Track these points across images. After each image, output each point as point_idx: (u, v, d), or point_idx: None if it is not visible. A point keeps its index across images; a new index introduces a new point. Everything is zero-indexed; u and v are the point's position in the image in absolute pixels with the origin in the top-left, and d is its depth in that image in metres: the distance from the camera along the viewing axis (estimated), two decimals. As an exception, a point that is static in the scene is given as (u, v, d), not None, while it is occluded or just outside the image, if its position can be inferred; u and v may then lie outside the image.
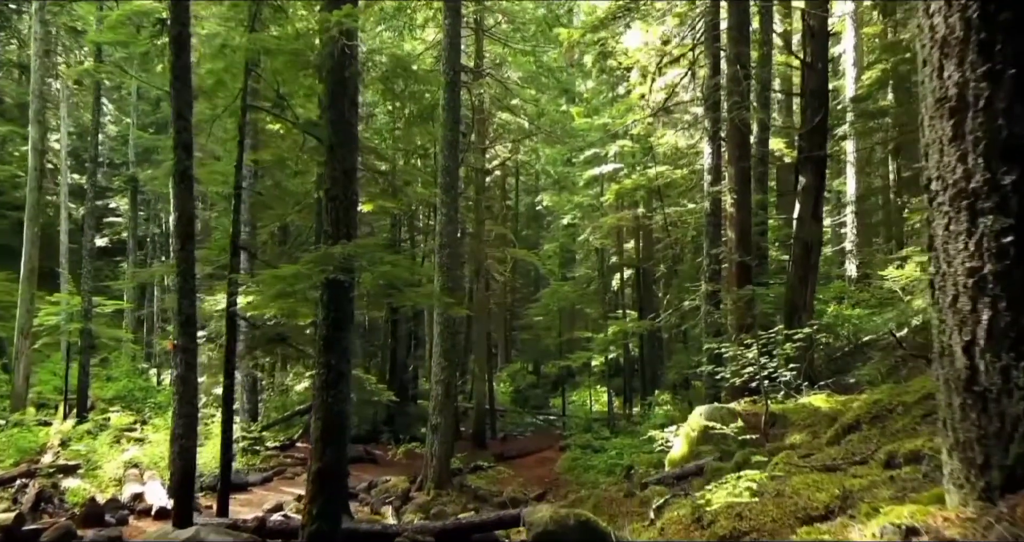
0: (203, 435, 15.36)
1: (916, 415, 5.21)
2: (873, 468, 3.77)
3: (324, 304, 7.12)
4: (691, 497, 5.29)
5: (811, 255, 12.51)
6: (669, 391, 28.30)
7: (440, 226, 14.87)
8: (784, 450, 6.87)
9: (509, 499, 14.80)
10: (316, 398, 7.09)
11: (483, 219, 22.27)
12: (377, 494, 14.10)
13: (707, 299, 13.23)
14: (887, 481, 3.36)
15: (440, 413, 14.52)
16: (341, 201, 7.20)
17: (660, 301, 26.74)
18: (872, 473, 3.67)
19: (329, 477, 6.91)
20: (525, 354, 36.56)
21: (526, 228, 45.09)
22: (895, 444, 3.92)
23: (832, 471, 4.13)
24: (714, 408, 8.97)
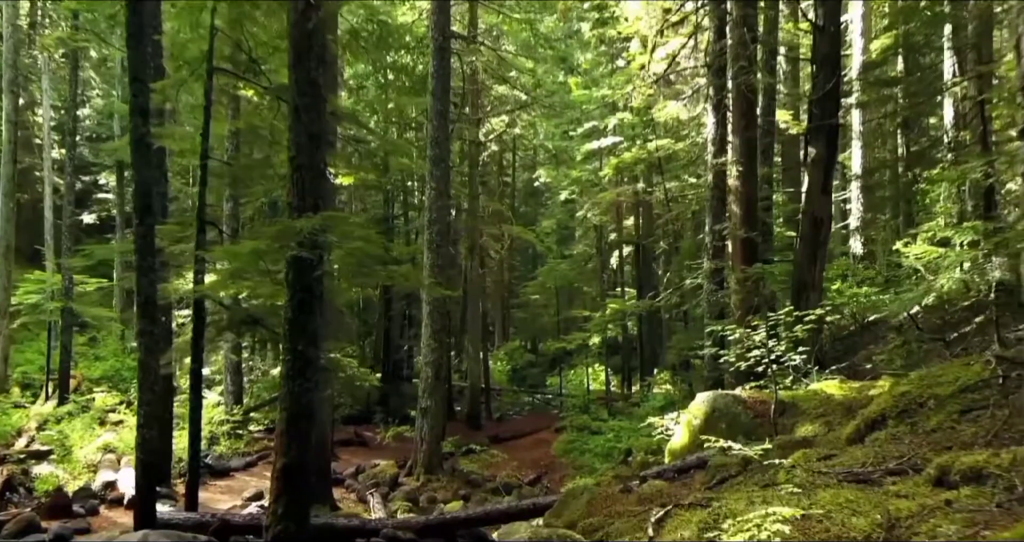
0: (184, 418, 14.80)
1: (952, 411, 4.57)
2: (919, 485, 3.13)
3: (289, 284, 6.44)
4: (695, 506, 4.66)
5: (821, 231, 11.80)
6: (669, 371, 27.81)
7: (429, 201, 14.17)
8: (796, 444, 6.24)
9: (502, 484, 14.28)
10: (282, 387, 6.45)
11: (477, 194, 21.54)
12: (364, 480, 13.55)
13: (710, 278, 12.56)
14: (943, 507, 2.73)
15: (430, 396, 13.94)
16: (307, 169, 6.49)
17: (660, 279, 26.09)
18: (919, 492, 3.04)
19: (295, 474, 6.29)
20: (522, 333, 36.00)
21: (524, 204, 44.35)
22: (946, 456, 3.28)
23: (865, 483, 3.50)
24: (718, 395, 8.33)
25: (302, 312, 6.44)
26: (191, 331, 8.59)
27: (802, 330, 8.18)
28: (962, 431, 4.14)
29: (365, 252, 6.51)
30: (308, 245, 6.23)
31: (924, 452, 4.00)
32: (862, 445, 4.81)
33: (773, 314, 7.78)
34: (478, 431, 20.92)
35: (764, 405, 8.05)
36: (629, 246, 26.28)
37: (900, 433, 4.59)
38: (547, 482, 15.48)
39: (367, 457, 16.12)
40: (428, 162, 14.19)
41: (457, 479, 14.45)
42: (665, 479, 7.29)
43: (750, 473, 6.33)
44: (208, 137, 8.78)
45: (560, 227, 33.01)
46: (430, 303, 13.93)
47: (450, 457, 15.41)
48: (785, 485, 3.63)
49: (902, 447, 4.24)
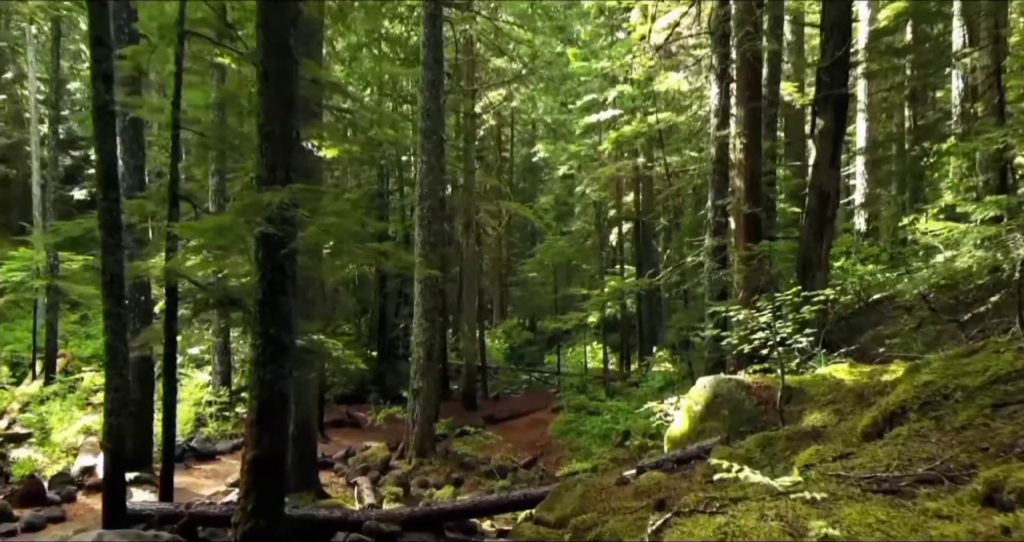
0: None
1: (983, 405, 4.10)
2: (963, 503, 2.67)
3: (259, 263, 5.96)
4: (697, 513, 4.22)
5: (828, 206, 11.28)
6: (668, 349, 27.44)
7: (421, 175, 13.63)
8: (805, 436, 5.79)
9: (496, 467, 13.91)
10: (252, 374, 5.99)
11: (473, 169, 20.97)
12: (354, 463, 13.18)
13: (711, 255, 12.07)
14: (1000, 535, 2.27)
15: (422, 377, 13.52)
16: (277, 138, 5.98)
17: (660, 256, 25.60)
18: (964, 512, 2.58)
19: (267, 467, 5.85)
20: (520, 311, 35.58)
21: (522, 180, 43.75)
22: (994, 469, 2.81)
23: (894, 494, 3.05)
24: (720, 379, 7.89)
25: (273, 293, 5.97)
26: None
27: (809, 311, 7.71)
28: (998, 430, 3.68)
29: (342, 228, 6.02)
30: (277, 221, 5.74)
31: (956, 454, 3.54)
32: (881, 441, 4.35)
33: (780, 294, 7.30)
34: (474, 411, 20.57)
35: (769, 391, 7.61)
36: (629, 222, 25.75)
37: (925, 429, 4.14)
38: (542, 465, 15.12)
39: (359, 439, 15.75)
40: (419, 134, 13.63)
41: (450, 462, 14.08)
42: (664, 470, 6.86)
43: (755, 465, 5.90)
44: (179, 106, 8.25)
45: (558, 203, 32.45)
46: (421, 281, 13.45)
47: (443, 439, 15.04)
48: (800, 493, 3.18)
49: (929, 447, 3.79)
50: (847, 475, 3.60)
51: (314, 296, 10.59)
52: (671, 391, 16.22)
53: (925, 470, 3.35)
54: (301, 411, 10.60)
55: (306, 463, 10.67)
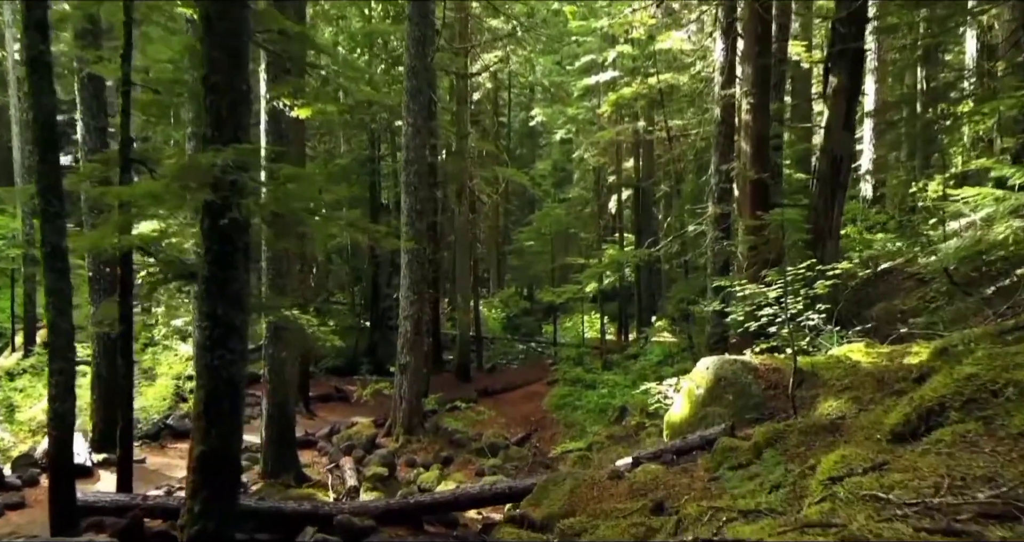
0: (139, 376, 13.80)
1: (1043, 406, 3.45)
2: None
3: (204, 233, 5.25)
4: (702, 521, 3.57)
5: (840, 171, 10.54)
6: (667, 319, 26.83)
7: (407, 138, 12.82)
8: (822, 429, 5.14)
9: (487, 445, 13.34)
10: (198, 360, 5.31)
11: (466, 133, 20.09)
12: (339, 441, 12.60)
13: (714, 224, 11.34)
14: None
15: (410, 352, 12.89)
16: (224, 93, 5.21)
17: (660, 224, 24.85)
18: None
19: (217, 464, 5.21)
20: (517, 280, 34.91)
21: (520, 146, 42.78)
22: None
23: (955, 536, 2.40)
24: (724, 361, 7.23)
25: (221, 268, 5.26)
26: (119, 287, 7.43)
27: (823, 286, 7.02)
28: (1071, 441, 3.03)
29: (300, 196, 5.30)
30: (224, 187, 5.01)
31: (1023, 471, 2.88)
32: (918, 446, 3.69)
33: (792, 268, 6.60)
34: (468, 383, 20.02)
35: (778, 374, 6.96)
36: (628, 189, 24.95)
37: (973, 435, 3.49)
38: (536, 441, 14.57)
39: (347, 414, 15.19)
40: (405, 95, 12.79)
41: (439, 439, 13.52)
42: (663, 462, 6.24)
43: (764, 462, 5.26)
44: (129, 60, 7.45)
45: (557, 169, 31.55)
46: (408, 252, 12.73)
47: (433, 415, 14.45)
48: (829, 529, 2.54)
49: (983, 459, 3.13)
50: (886, 498, 2.93)
51: (288, 269, 9.89)
52: (670, 364, 15.64)
53: (988, 497, 2.68)
54: (279, 390, 9.99)
55: (284, 445, 10.09)
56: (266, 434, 9.97)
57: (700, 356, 14.54)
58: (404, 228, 12.77)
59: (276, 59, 9.17)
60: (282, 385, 9.97)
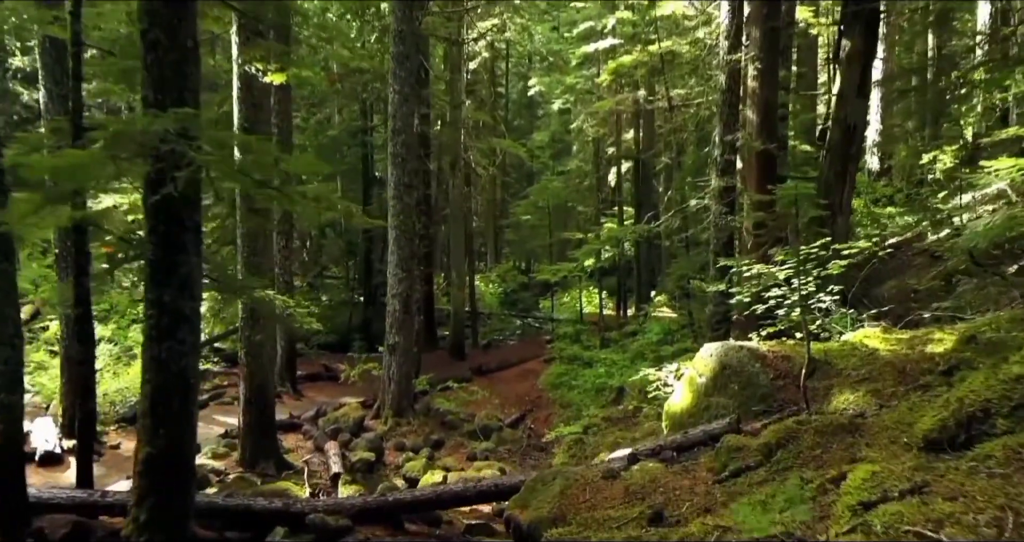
0: (109, 357, 13.30)
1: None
2: None
3: (148, 211, 4.66)
4: None
5: (853, 142, 9.92)
6: (667, 295, 26.31)
7: (393, 107, 12.15)
8: (841, 430, 4.60)
9: (480, 427, 12.89)
10: (144, 352, 4.75)
11: (460, 103, 19.35)
12: (325, 424, 12.12)
13: (718, 198, 10.72)
14: None
15: (398, 331, 12.36)
16: (167, 50, 4.58)
17: (660, 197, 24.20)
18: None
19: (166, 468, 4.68)
20: (515, 255, 34.32)
21: (518, 117, 41.95)
22: None
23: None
24: (729, 347, 6.68)
25: (167, 250, 4.68)
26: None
27: (838, 266, 6.43)
28: None
29: (257, 168, 4.70)
30: (167, 158, 4.40)
31: None
32: (960, 459, 3.16)
33: (804, 247, 6.02)
34: (462, 361, 19.54)
35: (787, 362, 6.41)
36: (628, 161, 24.25)
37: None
38: (531, 422, 14.11)
39: (335, 394, 14.72)
40: (392, 61, 12.09)
41: (430, 421, 13.06)
42: (662, 459, 5.71)
43: (775, 466, 4.73)
44: (79, 17, 6.78)
45: (554, 141, 30.78)
46: (396, 227, 12.14)
47: (424, 395, 13.98)
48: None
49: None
50: (936, 539, 2.39)
51: (265, 246, 9.31)
52: (669, 343, 15.13)
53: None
54: (256, 374, 9.47)
55: (263, 431, 9.60)
56: (244, 420, 9.48)
57: (701, 335, 14.05)
58: (391, 202, 12.18)
59: (247, 20, 8.49)
60: (260, 368, 9.45)
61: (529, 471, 11.42)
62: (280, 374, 14.71)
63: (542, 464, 11.71)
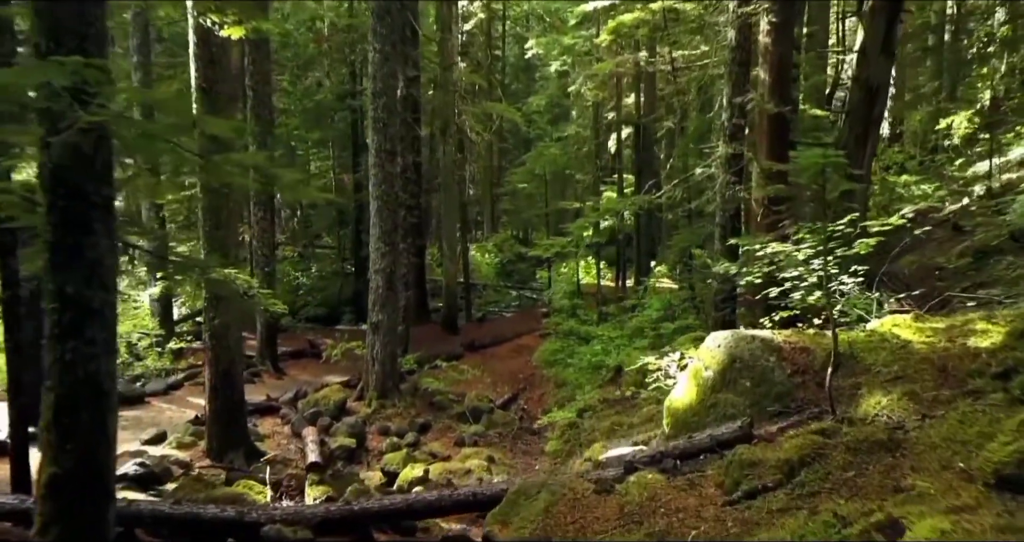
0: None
1: None
2: None
3: (43, 185, 3.84)
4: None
5: (875, 104, 9.05)
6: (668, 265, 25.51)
7: (373, 67, 11.22)
8: (877, 447, 3.85)
9: (469, 409, 12.20)
10: (47, 354, 3.97)
11: (451, 64, 18.33)
12: (304, 407, 11.42)
13: (725, 166, 9.85)
14: None
15: (382, 309, 11.60)
16: (59, -14, 3.72)
17: (661, 164, 23.27)
18: None
19: (75, 490, 3.93)
20: (512, 223, 33.42)
21: (515, 81, 40.72)
22: None
23: None
24: (740, 337, 5.90)
25: (69, 230, 3.87)
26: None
27: (865, 245, 5.62)
28: None
29: (173, 131, 3.87)
30: (61, 119, 3.57)
31: None
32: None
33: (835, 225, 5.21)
34: (454, 335, 18.83)
35: (806, 355, 5.64)
36: (628, 127, 23.26)
37: None
38: (523, 403, 13.43)
39: (319, 372, 14.02)
40: (372, 17, 11.13)
41: (418, 402, 12.36)
42: (662, 470, 4.97)
43: (798, 489, 3.99)
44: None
45: (552, 105, 29.64)
46: (378, 197, 11.30)
47: (413, 374, 13.28)
48: None
49: None
50: None
51: (229, 220, 8.48)
52: (670, 319, 14.39)
53: None
54: (222, 358, 8.72)
55: (232, 419, 8.88)
56: (210, 407, 8.76)
57: (704, 313, 13.29)
58: (372, 170, 11.32)
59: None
60: (226, 351, 8.69)
61: (520, 457, 10.85)
62: (260, 352, 14.00)
63: (534, 449, 11.05)
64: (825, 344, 5.59)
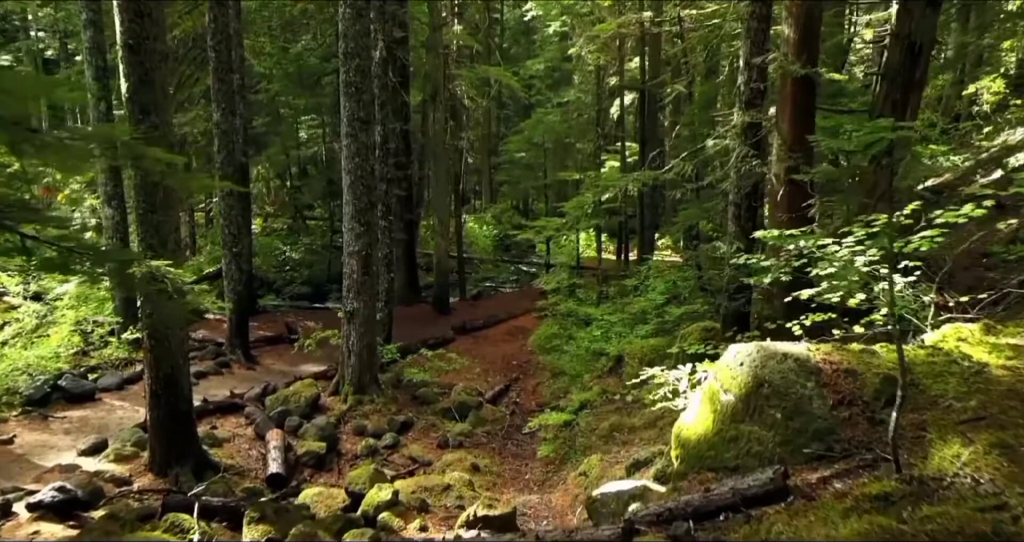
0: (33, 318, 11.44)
1: None
2: None
3: None
4: None
5: (918, 66, 7.78)
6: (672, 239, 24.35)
7: (344, 24, 9.95)
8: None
9: (456, 404, 11.16)
10: None
11: (440, 24, 16.96)
12: (272, 405, 10.35)
13: (742, 136, 8.61)
14: None
15: (357, 296, 10.49)
16: None
17: (666, 131, 21.91)
18: None
19: None
20: (510, 195, 32.13)
21: (515, 44, 39.20)
22: None
23: None
24: (767, 354, 4.74)
25: None
26: None
27: (927, 241, 4.48)
28: None
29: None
30: None
31: None
32: None
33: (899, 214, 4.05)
34: (446, 316, 17.75)
35: (852, 380, 4.49)
36: (632, 93, 21.87)
37: None
38: (515, 396, 12.38)
39: (296, 361, 12.93)
40: (342, -34, 9.81)
41: (400, 396, 11.32)
42: (672, 536, 3.87)
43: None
44: None
45: (553, 70, 28.18)
46: (350, 171, 10.10)
47: (393, 364, 12.20)
48: None
49: None
50: None
51: (166, 200, 7.29)
52: (676, 304, 13.23)
53: None
54: (163, 360, 7.62)
55: (178, 427, 7.81)
56: (151, 417, 7.68)
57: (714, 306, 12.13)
58: (344, 141, 10.10)
59: None
60: (168, 353, 7.59)
61: (509, 462, 9.79)
62: (229, 339, 12.92)
63: (526, 451, 10.02)
64: (877, 366, 4.46)
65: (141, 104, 7.07)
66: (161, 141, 7.09)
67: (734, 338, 8.22)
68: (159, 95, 7.18)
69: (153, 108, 7.11)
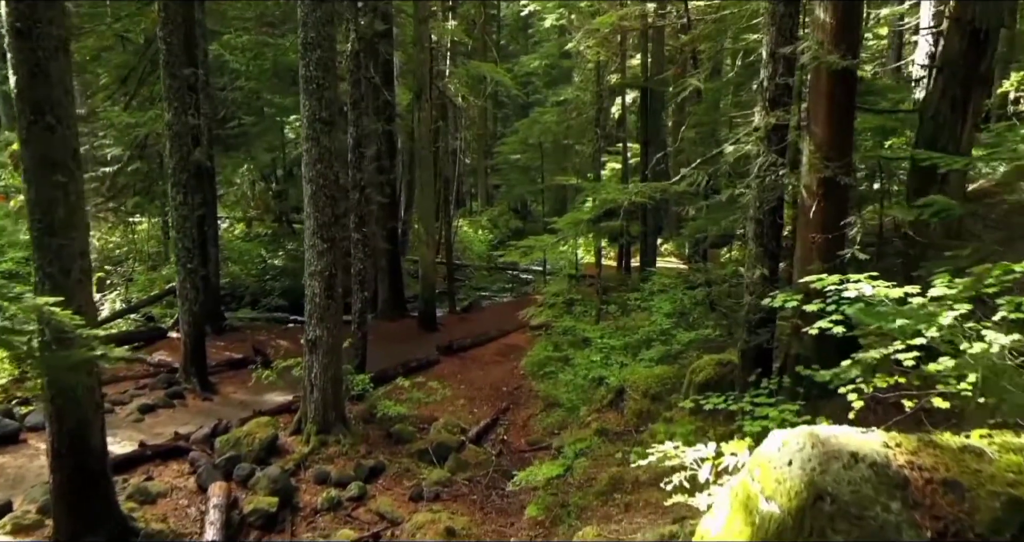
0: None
1: None
2: None
3: None
4: None
5: (983, 57, 6.47)
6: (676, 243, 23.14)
7: (303, 11, 8.62)
8: None
9: (434, 445, 9.83)
10: None
11: (427, 16, 15.63)
12: (222, 448, 9.02)
13: (766, 141, 7.25)
14: None
15: (320, 323, 9.18)
16: None
17: (670, 132, 20.59)
18: None
19: None
20: (506, 197, 30.83)
21: (513, 41, 38.02)
22: None
23: None
24: (829, 453, 3.36)
25: None
26: None
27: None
28: None
29: None
30: None
31: None
32: None
33: None
34: (434, 332, 16.43)
35: (955, 499, 3.13)
36: (634, 91, 20.55)
37: None
38: (503, 432, 11.08)
39: (260, 390, 11.59)
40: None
41: (371, 434, 10.01)
42: None
43: None
44: None
45: (549, 67, 26.83)
46: (311, 180, 8.78)
47: (366, 395, 10.86)
48: None
49: None
50: None
51: (71, 218, 5.94)
52: (684, 327, 11.91)
53: None
54: (68, 413, 6.30)
55: (88, 491, 6.49)
56: (54, 481, 6.37)
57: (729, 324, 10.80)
58: (304, 145, 8.79)
59: None
60: (74, 405, 6.27)
61: (492, 521, 8.44)
62: (184, 366, 11.60)
63: (512, 507, 8.67)
64: (991, 478, 3.14)
65: (33, 101, 5.77)
66: (60, 146, 5.78)
67: (758, 382, 6.91)
68: (57, 91, 5.87)
69: (49, 106, 5.81)
